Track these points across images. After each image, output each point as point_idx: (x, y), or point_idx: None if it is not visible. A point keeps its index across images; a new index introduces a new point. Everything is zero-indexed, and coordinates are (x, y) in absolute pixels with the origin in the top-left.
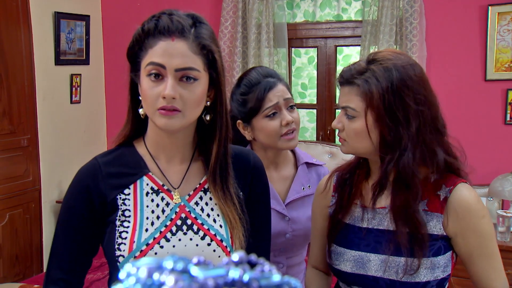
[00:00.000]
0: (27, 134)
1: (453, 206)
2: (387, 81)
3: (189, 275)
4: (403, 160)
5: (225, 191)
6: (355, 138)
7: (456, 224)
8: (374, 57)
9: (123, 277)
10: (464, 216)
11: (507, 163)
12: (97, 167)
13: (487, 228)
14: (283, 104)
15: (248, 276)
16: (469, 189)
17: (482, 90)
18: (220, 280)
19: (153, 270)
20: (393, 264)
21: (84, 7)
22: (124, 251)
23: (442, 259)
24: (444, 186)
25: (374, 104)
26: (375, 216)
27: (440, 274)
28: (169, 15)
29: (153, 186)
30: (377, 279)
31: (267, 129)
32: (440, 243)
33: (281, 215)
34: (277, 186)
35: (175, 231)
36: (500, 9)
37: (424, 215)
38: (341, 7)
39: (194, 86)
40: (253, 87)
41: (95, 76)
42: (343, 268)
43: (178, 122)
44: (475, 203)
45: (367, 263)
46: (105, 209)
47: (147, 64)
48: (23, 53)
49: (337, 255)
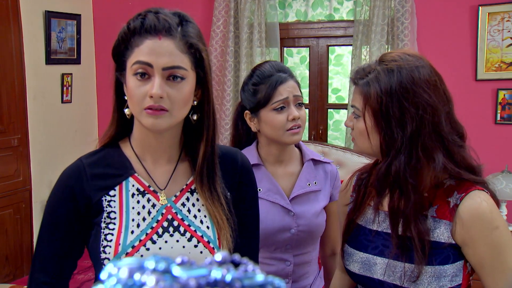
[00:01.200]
0: (17, 134)
1: (461, 214)
2: (387, 83)
3: (171, 275)
4: (394, 164)
5: (212, 191)
6: (359, 138)
7: (464, 233)
8: (382, 58)
9: (105, 278)
10: (472, 225)
11: (498, 162)
12: (82, 169)
13: (500, 240)
14: (292, 100)
15: (230, 276)
16: (482, 197)
17: (473, 90)
18: (202, 280)
19: (134, 270)
20: (397, 269)
21: (75, 6)
22: (109, 254)
23: (450, 268)
24: (456, 193)
25: (371, 105)
26: (386, 219)
27: (447, 284)
28: (155, 13)
29: (139, 187)
30: (382, 283)
31: (273, 122)
32: (449, 251)
33: (285, 210)
34: (282, 182)
35: (161, 233)
36: (491, 9)
37: (432, 222)
38: (333, 7)
39: (182, 85)
40: (265, 79)
41: (86, 76)
42: (352, 268)
43: (165, 121)
44: (486, 213)
45: (373, 266)
46: (90, 211)
47: (133, 63)
48: (13, 52)
49: (348, 255)
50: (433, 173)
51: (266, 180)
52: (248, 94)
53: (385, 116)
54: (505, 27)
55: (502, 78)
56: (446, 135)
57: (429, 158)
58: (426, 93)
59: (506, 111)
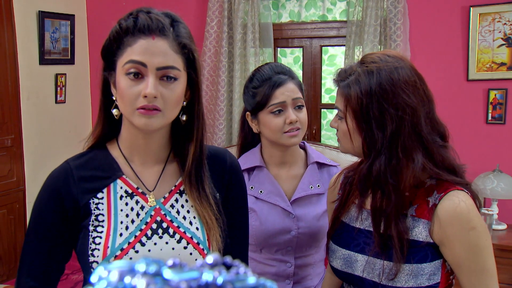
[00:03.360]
0: (11, 134)
1: (439, 214)
2: (367, 84)
3: (162, 278)
4: (375, 164)
5: (201, 192)
6: (343, 139)
7: (441, 232)
8: (363, 59)
9: (95, 281)
10: (449, 224)
11: (489, 162)
12: (69, 171)
13: (476, 241)
14: (290, 103)
15: (222, 278)
16: (461, 197)
17: (465, 90)
18: (194, 283)
19: (124, 273)
20: (376, 267)
21: (69, 6)
22: (98, 257)
23: (428, 266)
24: (435, 192)
25: (352, 106)
26: (369, 217)
27: (425, 282)
28: (147, 13)
29: (127, 189)
30: (362, 279)
31: (271, 125)
32: (427, 250)
33: (286, 212)
34: (285, 184)
35: (150, 235)
36: (482, 10)
37: (411, 221)
38: (326, 8)
39: (175, 85)
40: (263, 81)
41: (80, 76)
42: (335, 265)
43: (158, 121)
44: (464, 213)
45: (354, 262)
46: (77, 214)
47: (125, 62)
48: (7, 53)
49: (332, 252)
50: (413, 173)
51: (268, 182)
52: (248, 97)
53: (365, 117)
54: (496, 27)
55: (493, 78)
56: (425, 135)
57: (409, 159)
58: (405, 93)
59: (497, 111)
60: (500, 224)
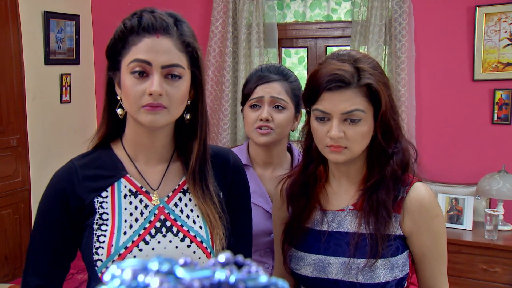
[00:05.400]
0: (16, 134)
1: (408, 205)
2: (382, 76)
3: (174, 276)
4: (396, 156)
5: (205, 190)
6: (360, 142)
7: (412, 223)
8: (355, 57)
9: (107, 279)
10: (418, 214)
11: (494, 162)
12: (73, 170)
13: (439, 228)
14: (267, 101)
15: (234, 277)
16: (425, 187)
17: (470, 90)
18: (206, 282)
19: (138, 272)
20: (353, 266)
21: (74, 6)
22: (102, 255)
23: (400, 258)
24: (400, 186)
25: (382, 100)
26: (335, 219)
27: (399, 274)
28: (151, 12)
29: (131, 188)
30: (337, 282)
31: (246, 118)
32: (398, 243)
33: (268, 214)
34: (269, 185)
35: (154, 233)
36: (488, 10)
37: None
38: (331, 8)
39: (179, 83)
40: (252, 76)
41: (85, 76)
42: (304, 272)
43: (163, 118)
44: (430, 202)
45: (327, 266)
46: (82, 212)
47: (130, 61)
48: (12, 53)
49: (297, 259)
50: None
51: (252, 182)
52: (242, 90)
53: (392, 108)
54: (502, 27)
55: (499, 79)
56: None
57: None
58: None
59: (503, 111)
60: (506, 225)
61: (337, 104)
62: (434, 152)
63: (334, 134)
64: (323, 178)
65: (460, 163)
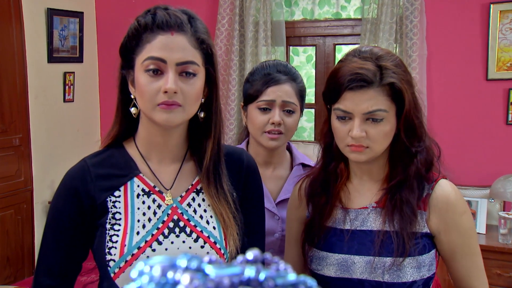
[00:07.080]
0: (19, 133)
1: (434, 202)
2: (406, 74)
3: (203, 273)
4: (420, 155)
5: (219, 189)
6: (382, 141)
7: (439, 220)
8: (378, 55)
9: (135, 276)
10: (446, 211)
11: (509, 164)
12: (86, 169)
13: (468, 224)
14: (279, 104)
15: (264, 274)
16: (450, 184)
17: (484, 89)
18: (236, 279)
19: (167, 269)
20: (379, 265)
21: (78, 3)
22: (115, 255)
23: (427, 257)
24: (425, 183)
25: (406, 99)
26: (358, 217)
27: (426, 273)
28: (165, 9)
29: (144, 187)
30: (362, 282)
31: (254, 121)
32: (425, 241)
33: (271, 213)
34: (270, 185)
35: (167, 233)
36: (502, 7)
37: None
38: (340, 5)
39: (194, 80)
40: (261, 75)
41: (88, 74)
42: (327, 272)
43: (178, 116)
44: (457, 199)
45: (351, 265)
46: (94, 212)
47: (145, 59)
48: (15, 51)
49: (319, 259)
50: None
51: None
52: (245, 86)
53: (416, 105)
54: None
55: None
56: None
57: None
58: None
59: None
60: None
61: (359, 104)
62: (446, 153)
63: (356, 134)
64: (344, 176)
65: (473, 164)
